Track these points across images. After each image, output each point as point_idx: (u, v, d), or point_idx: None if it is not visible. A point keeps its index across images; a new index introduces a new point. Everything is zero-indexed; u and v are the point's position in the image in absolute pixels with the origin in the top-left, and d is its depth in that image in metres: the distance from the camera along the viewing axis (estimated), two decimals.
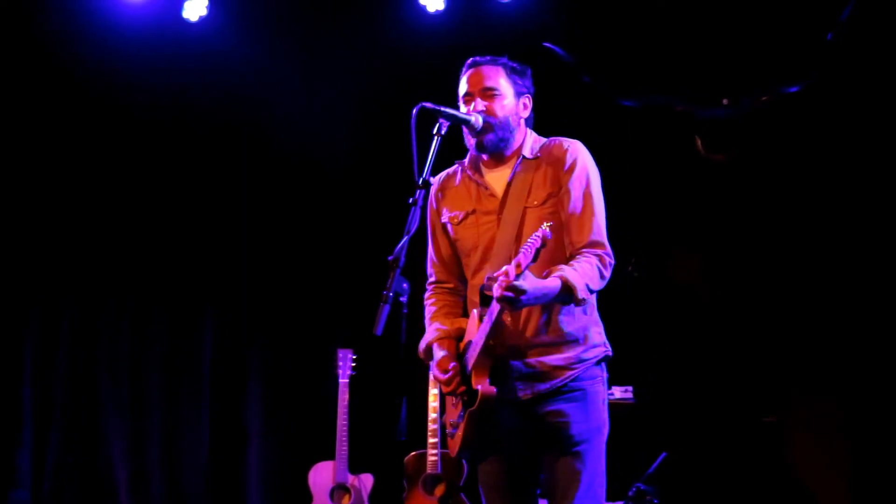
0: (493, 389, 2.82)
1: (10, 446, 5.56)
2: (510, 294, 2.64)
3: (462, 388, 2.90)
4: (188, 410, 5.83)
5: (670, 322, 5.12)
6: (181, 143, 5.84)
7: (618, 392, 4.88)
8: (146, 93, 5.67)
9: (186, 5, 5.58)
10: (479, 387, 2.80)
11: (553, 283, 2.75)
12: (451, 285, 3.19)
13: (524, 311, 2.91)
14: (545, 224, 2.64)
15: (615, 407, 4.52)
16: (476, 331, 2.89)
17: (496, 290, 2.66)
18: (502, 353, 2.91)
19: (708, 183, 5.08)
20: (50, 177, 5.74)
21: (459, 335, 3.04)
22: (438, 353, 3.00)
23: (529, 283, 2.66)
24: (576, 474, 2.88)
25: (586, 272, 2.82)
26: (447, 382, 2.93)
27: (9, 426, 5.58)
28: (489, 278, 2.79)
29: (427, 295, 3.21)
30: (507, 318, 2.90)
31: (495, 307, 2.72)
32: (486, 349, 2.83)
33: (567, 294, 2.76)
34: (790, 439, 4.88)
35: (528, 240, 2.64)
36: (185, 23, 5.61)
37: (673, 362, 5.14)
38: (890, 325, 4.69)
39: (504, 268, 2.65)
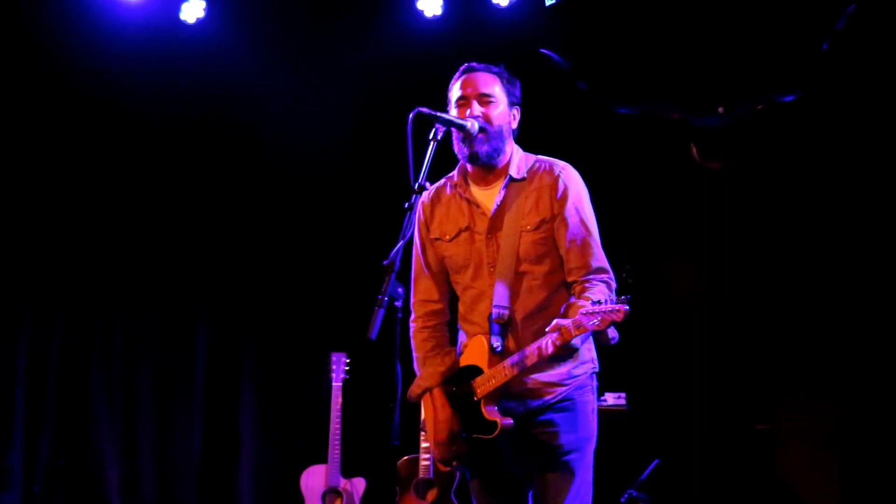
0: (511, 422, 2.88)
1: (1, 448, 5.53)
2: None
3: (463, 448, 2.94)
4: (180, 413, 5.82)
5: (665, 329, 5.12)
6: (175, 147, 5.83)
7: (611, 398, 4.88)
8: (142, 95, 5.65)
9: (184, 7, 5.58)
10: (500, 420, 2.86)
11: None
12: (439, 306, 3.13)
13: (518, 331, 2.93)
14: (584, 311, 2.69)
15: (608, 413, 4.55)
16: (486, 359, 2.90)
17: (550, 347, 2.76)
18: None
19: (703, 191, 5.09)
20: (46, 176, 5.71)
21: (453, 372, 3.02)
22: (441, 413, 2.97)
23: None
24: (565, 484, 2.89)
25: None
26: (447, 459, 2.97)
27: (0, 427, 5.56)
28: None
29: (416, 326, 3.12)
30: (511, 344, 2.92)
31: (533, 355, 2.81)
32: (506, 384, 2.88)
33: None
34: (783, 447, 4.89)
35: (590, 309, 2.67)
36: (183, 24, 5.61)
37: (666, 369, 5.14)
38: (883, 332, 4.70)
39: (561, 323, 2.73)
